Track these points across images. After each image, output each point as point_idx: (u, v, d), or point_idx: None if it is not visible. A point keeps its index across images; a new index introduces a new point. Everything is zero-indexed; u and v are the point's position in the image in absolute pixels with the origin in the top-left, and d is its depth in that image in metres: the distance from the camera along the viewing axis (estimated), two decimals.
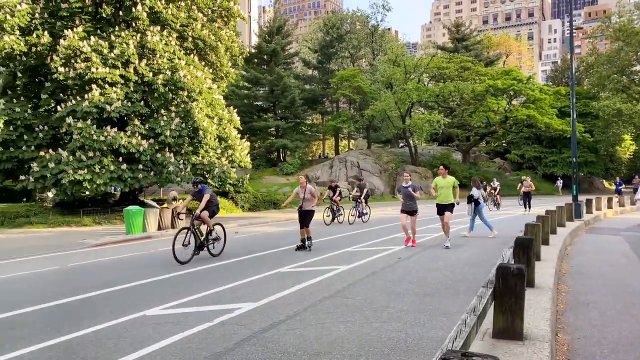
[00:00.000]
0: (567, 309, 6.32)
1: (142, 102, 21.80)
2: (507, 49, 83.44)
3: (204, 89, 23.37)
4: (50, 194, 21.10)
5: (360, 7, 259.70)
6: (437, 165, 39.02)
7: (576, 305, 6.50)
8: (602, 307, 6.35)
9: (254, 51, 51.31)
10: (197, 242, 10.53)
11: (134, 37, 21.26)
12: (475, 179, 15.18)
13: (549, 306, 5.28)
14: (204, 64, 25.56)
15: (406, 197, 11.88)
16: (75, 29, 20.42)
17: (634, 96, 48.95)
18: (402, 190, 12.03)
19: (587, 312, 6.16)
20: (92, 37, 20.50)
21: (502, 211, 24.84)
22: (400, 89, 44.82)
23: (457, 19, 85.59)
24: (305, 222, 11.64)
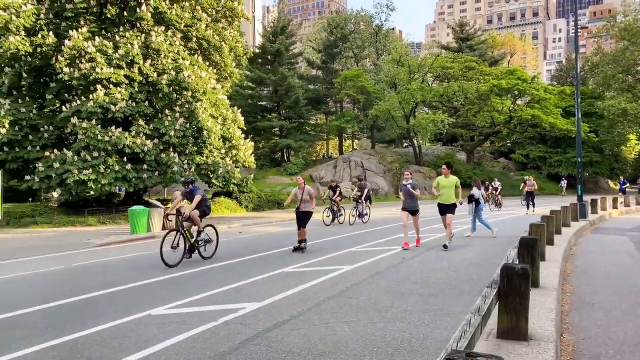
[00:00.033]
0: (572, 309, 6.30)
1: (147, 102, 21.86)
2: (512, 49, 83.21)
3: (208, 89, 23.42)
4: (55, 194, 21.15)
5: (364, 7, 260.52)
6: (441, 165, 39.07)
7: (581, 305, 6.48)
8: (607, 307, 6.32)
9: (258, 51, 51.35)
10: (187, 244, 10.15)
11: (138, 38, 21.33)
12: (475, 179, 15.12)
13: (554, 306, 5.26)
14: (208, 64, 25.63)
15: (407, 196, 11.84)
16: (80, 30, 20.49)
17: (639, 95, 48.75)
18: (403, 188, 12.00)
19: (592, 312, 6.13)
20: (96, 38, 20.58)
21: (505, 211, 24.73)
22: (404, 89, 44.71)
23: (462, 18, 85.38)
24: (302, 223, 11.56)
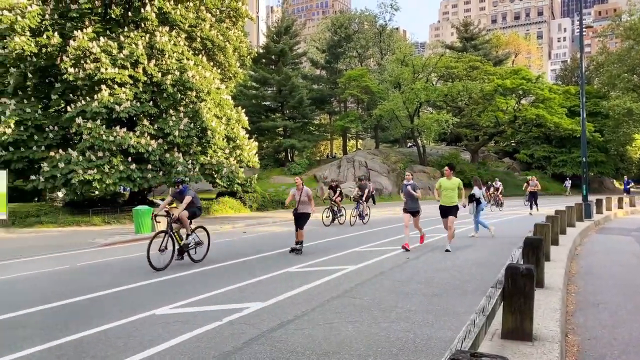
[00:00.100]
0: (577, 309, 6.28)
1: (151, 102, 21.94)
2: (516, 48, 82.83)
3: (213, 89, 23.47)
4: (60, 194, 21.31)
5: (368, 7, 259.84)
6: (445, 165, 38.86)
7: (586, 305, 6.45)
8: (612, 308, 6.29)
9: (262, 51, 51.35)
10: (176, 246, 9.92)
11: (142, 38, 21.40)
12: (476, 178, 15.06)
13: (559, 307, 5.24)
14: (212, 64, 25.69)
15: (408, 197, 11.77)
16: (84, 30, 20.59)
17: None
18: (404, 189, 11.96)
19: (597, 312, 6.11)
20: (101, 38, 20.67)
21: (509, 211, 24.63)
22: (408, 89, 44.62)
23: (466, 18, 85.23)
24: (300, 224, 11.48)
